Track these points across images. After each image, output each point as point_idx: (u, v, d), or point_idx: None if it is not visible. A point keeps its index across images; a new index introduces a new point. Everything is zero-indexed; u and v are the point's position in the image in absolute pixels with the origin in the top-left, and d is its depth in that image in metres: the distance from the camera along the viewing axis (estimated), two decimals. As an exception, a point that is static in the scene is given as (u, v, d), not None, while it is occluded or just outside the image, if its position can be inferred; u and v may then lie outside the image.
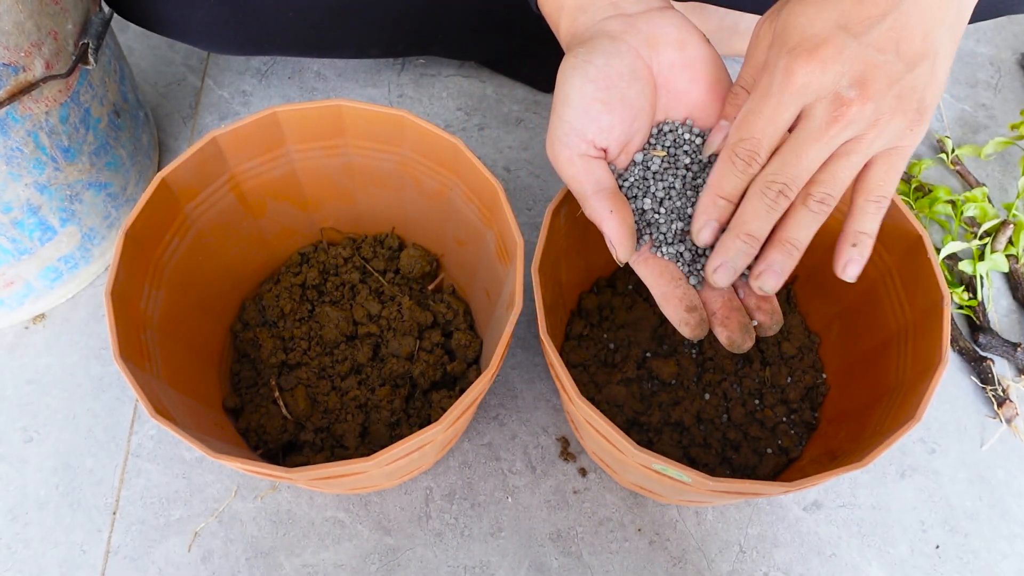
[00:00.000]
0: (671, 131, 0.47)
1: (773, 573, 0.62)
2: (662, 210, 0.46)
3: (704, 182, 0.46)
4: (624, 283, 0.68)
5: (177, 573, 0.60)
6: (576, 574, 0.61)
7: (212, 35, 0.69)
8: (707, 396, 0.64)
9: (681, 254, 0.46)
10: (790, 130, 0.42)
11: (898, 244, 0.56)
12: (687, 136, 0.46)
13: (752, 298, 0.47)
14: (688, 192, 0.46)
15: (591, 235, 0.63)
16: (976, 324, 0.72)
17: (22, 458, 0.64)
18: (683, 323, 0.45)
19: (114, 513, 0.62)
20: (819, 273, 0.65)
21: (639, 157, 0.46)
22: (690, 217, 0.46)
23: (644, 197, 0.46)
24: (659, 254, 0.47)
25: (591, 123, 0.44)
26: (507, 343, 0.50)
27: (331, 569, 0.60)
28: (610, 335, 0.66)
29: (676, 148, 0.46)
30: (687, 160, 0.46)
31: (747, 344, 0.45)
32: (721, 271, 0.43)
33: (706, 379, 0.65)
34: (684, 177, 0.46)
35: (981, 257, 0.74)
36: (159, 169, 0.76)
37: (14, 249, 0.63)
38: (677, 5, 0.84)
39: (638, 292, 0.68)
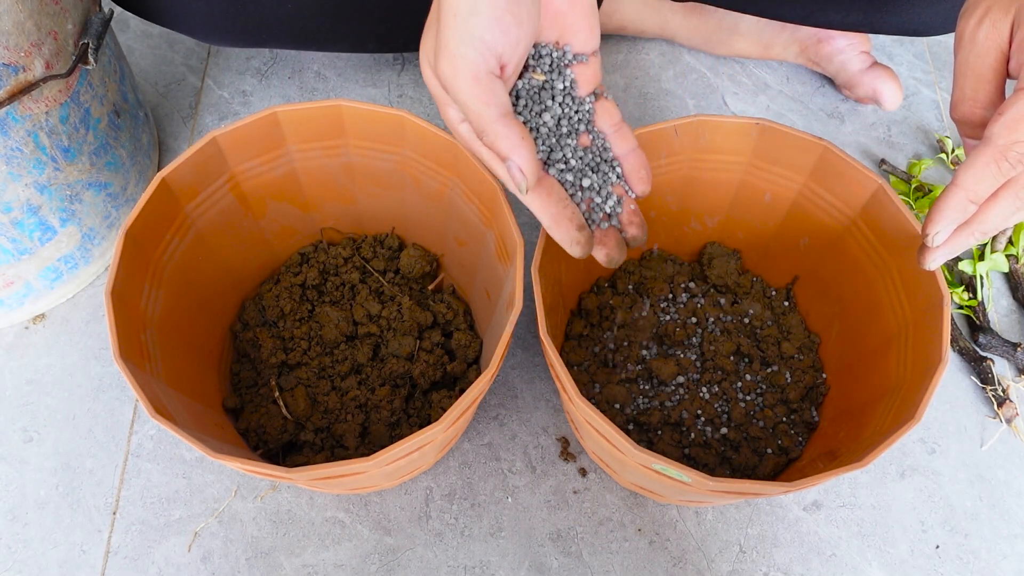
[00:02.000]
0: (548, 54, 0.45)
1: (773, 573, 0.62)
2: (558, 134, 0.46)
3: (570, 110, 0.47)
4: (624, 283, 0.68)
5: (177, 573, 0.60)
6: (576, 574, 0.61)
7: (210, 25, 0.69)
8: (707, 396, 0.64)
9: (572, 181, 0.47)
10: None
11: (898, 244, 0.56)
12: (564, 60, 0.46)
13: (624, 214, 0.48)
14: (572, 118, 0.47)
15: (591, 235, 0.63)
16: (976, 324, 0.72)
17: (22, 458, 0.64)
18: (575, 242, 0.45)
19: (114, 513, 0.62)
20: (819, 273, 0.65)
21: (527, 80, 0.45)
22: (568, 144, 0.46)
23: (536, 122, 0.46)
24: (560, 178, 0.46)
25: (503, 37, 0.40)
26: (507, 343, 0.50)
27: (331, 569, 0.60)
28: (610, 335, 0.66)
29: (552, 72, 0.46)
30: (561, 86, 0.46)
31: (622, 258, 0.47)
32: (940, 260, 0.44)
33: (706, 379, 0.65)
34: (564, 103, 0.46)
35: (981, 257, 0.74)
36: (159, 169, 0.76)
37: (14, 249, 0.63)
38: (676, 5, 0.84)
39: (638, 292, 0.69)
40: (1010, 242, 0.75)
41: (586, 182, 0.47)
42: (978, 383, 0.70)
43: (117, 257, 0.50)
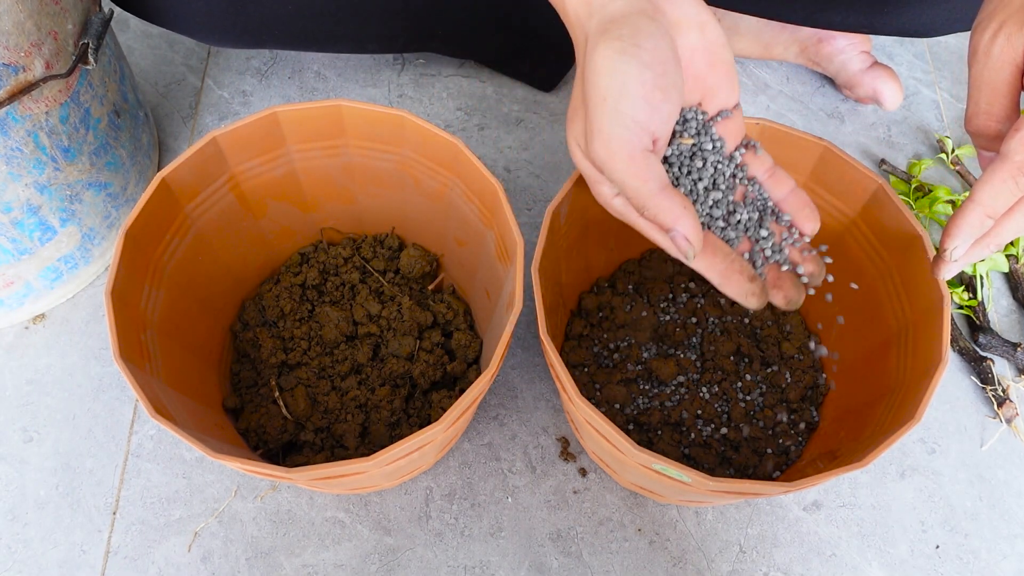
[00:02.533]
0: (693, 118, 0.46)
1: (773, 573, 0.62)
2: (714, 195, 0.47)
3: (723, 168, 0.47)
4: (624, 283, 0.68)
5: (177, 573, 0.60)
6: (576, 574, 0.61)
7: (210, 26, 0.69)
8: (707, 396, 0.64)
9: (735, 237, 0.47)
10: None
11: (898, 244, 0.56)
12: (707, 122, 0.46)
13: (794, 253, 0.47)
14: (725, 175, 0.47)
15: (591, 235, 0.63)
16: (976, 324, 0.72)
17: (22, 458, 0.64)
18: (750, 295, 0.44)
19: (114, 513, 0.62)
20: (819, 273, 0.65)
21: (676, 147, 0.46)
22: (726, 201, 0.47)
23: (691, 186, 0.46)
24: (723, 236, 0.47)
25: (654, 114, 0.40)
26: (507, 343, 0.50)
27: (331, 569, 0.60)
28: (610, 335, 0.66)
29: (699, 134, 0.46)
30: (709, 146, 0.46)
31: (802, 298, 0.46)
32: (955, 272, 0.45)
33: (706, 379, 0.65)
34: (715, 162, 0.47)
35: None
36: (159, 169, 0.76)
37: (14, 249, 0.63)
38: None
39: (638, 292, 0.69)
40: (1010, 242, 0.76)
41: (751, 233, 0.47)
42: (978, 383, 0.70)
43: (117, 257, 0.50)
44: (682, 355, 0.66)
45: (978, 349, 0.71)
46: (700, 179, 0.46)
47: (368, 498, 0.63)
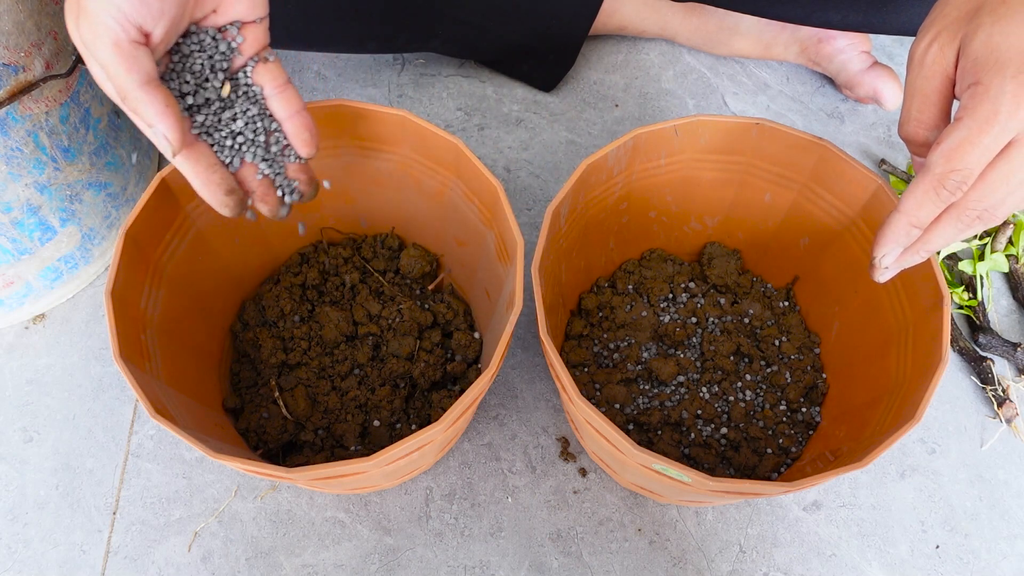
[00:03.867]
0: (205, 31, 0.46)
1: (773, 573, 0.62)
2: (229, 112, 0.47)
3: (241, 92, 0.48)
4: (624, 283, 0.68)
5: (177, 573, 0.60)
6: (576, 574, 0.61)
7: None
8: (707, 396, 0.64)
9: (230, 146, 0.48)
10: None
11: (898, 244, 0.56)
12: (218, 31, 0.47)
13: (291, 169, 0.50)
14: (226, 89, 0.48)
15: (591, 235, 0.63)
16: (976, 324, 0.72)
17: (22, 458, 0.64)
18: (223, 206, 0.47)
19: (114, 513, 0.62)
20: (819, 273, 0.65)
21: (179, 48, 0.46)
22: (233, 116, 0.48)
23: (201, 94, 0.47)
24: (213, 142, 0.47)
25: (142, 7, 0.41)
26: (507, 343, 0.50)
27: (331, 569, 0.60)
28: (610, 335, 0.66)
29: (215, 50, 0.47)
30: (219, 56, 0.47)
31: (285, 212, 0.51)
32: (889, 276, 0.47)
33: (706, 378, 0.65)
34: (217, 73, 0.47)
35: (981, 257, 0.74)
36: (159, 169, 0.76)
37: (14, 249, 0.63)
38: (676, 6, 0.84)
39: (638, 292, 0.69)
40: (1010, 242, 0.75)
41: (247, 152, 0.48)
42: (978, 383, 0.70)
43: (117, 257, 0.50)
44: (682, 355, 0.66)
45: (978, 349, 0.71)
46: (208, 90, 0.47)
47: (368, 498, 0.63)
